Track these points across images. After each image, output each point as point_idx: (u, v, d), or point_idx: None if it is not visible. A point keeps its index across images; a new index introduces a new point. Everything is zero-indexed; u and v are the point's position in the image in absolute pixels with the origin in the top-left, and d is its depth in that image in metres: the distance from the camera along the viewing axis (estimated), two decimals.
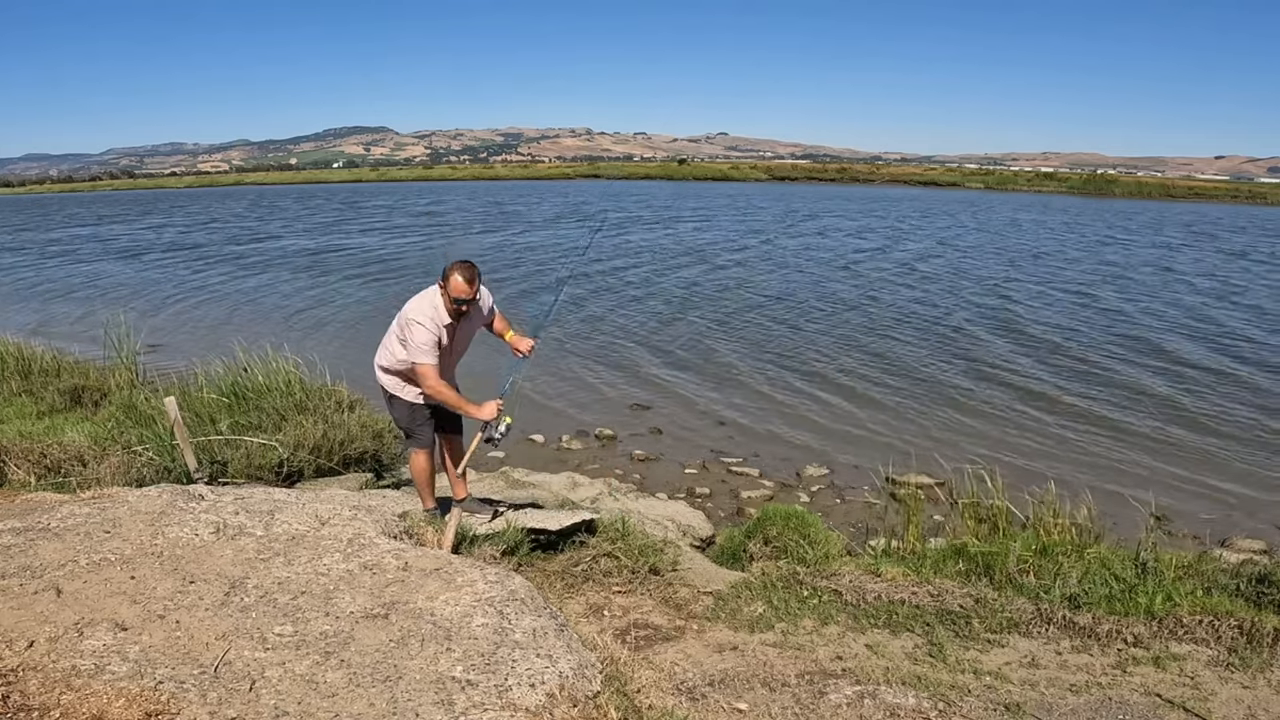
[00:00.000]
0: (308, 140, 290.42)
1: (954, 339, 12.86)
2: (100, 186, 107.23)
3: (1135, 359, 11.65)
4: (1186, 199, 61.07)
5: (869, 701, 2.96)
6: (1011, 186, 71.03)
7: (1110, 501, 6.34)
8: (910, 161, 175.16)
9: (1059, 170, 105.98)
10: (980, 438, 8.41)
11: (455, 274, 3.74)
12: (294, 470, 5.38)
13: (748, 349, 12.20)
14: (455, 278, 3.73)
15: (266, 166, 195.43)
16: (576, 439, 8.38)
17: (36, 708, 2.15)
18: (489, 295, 4.06)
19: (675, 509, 6.09)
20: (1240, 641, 3.38)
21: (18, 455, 5.15)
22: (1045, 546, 4.24)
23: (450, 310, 3.81)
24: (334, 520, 3.76)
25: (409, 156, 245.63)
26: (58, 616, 2.63)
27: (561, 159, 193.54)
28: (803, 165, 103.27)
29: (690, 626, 3.62)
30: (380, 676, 2.46)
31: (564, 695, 2.48)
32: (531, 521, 4.24)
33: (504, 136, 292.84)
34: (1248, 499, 7.04)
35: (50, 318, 15.25)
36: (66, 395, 7.41)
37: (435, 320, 3.79)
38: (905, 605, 3.75)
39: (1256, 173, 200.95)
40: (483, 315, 4.06)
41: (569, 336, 12.95)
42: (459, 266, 3.76)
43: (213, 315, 15.26)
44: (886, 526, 5.41)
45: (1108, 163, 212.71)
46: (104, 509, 3.61)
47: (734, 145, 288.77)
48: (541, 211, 40.41)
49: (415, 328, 3.76)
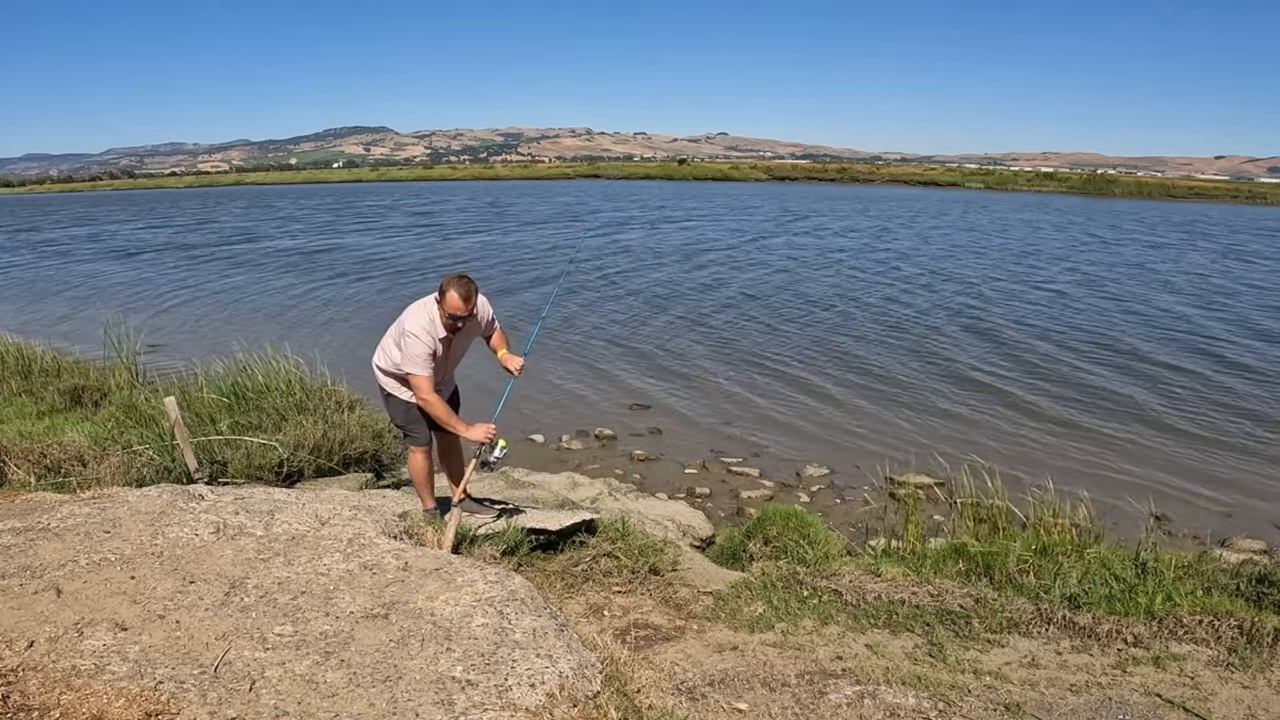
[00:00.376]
0: (308, 140, 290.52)
1: (954, 339, 12.86)
2: (100, 186, 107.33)
3: (1135, 359, 11.64)
4: (1186, 199, 61.03)
5: (869, 701, 2.96)
6: (1011, 187, 70.98)
7: (1110, 501, 6.34)
8: (910, 161, 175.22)
9: (1059, 170, 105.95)
10: (980, 438, 8.40)
11: (451, 290, 3.73)
12: (294, 470, 5.38)
13: (748, 349, 12.20)
14: (451, 294, 3.73)
15: (266, 166, 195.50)
16: (576, 439, 8.38)
17: (36, 708, 2.15)
18: (488, 307, 4.06)
19: (675, 509, 6.09)
20: (1240, 641, 3.38)
21: (18, 455, 5.15)
22: (1045, 546, 4.24)
23: (446, 324, 3.82)
24: (334, 520, 3.76)
25: (409, 156, 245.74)
26: (58, 616, 2.63)
27: (561, 159, 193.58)
28: (803, 165, 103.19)
29: (690, 626, 3.62)
30: (380, 676, 2.46)
31: (564, 695, 2.48)
32: (531, 521, 4.24)
33: (504, 136, 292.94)
34: (1248, 499, 7.03)
35: (50, 318, 15.24)
36: (66, 395, 7.41)
37: (430, 333, 3.80)
38: (905, 605, 3.75)
39: (1256, 173, 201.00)
40: (480, 327, 4.07)
41: (569, 337, 12.96)
42: (455, 283, 3.75)
43: (212, 315, 15.27)
44: (886, 526, 5.42)
45: (1108, 163, 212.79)
46: (104, 509, 3.61)
47: (734, 145, 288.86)
48: (536, 212, 40.44)
49: (411, 339, 3.77)
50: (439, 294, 3.79)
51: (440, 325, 3.82)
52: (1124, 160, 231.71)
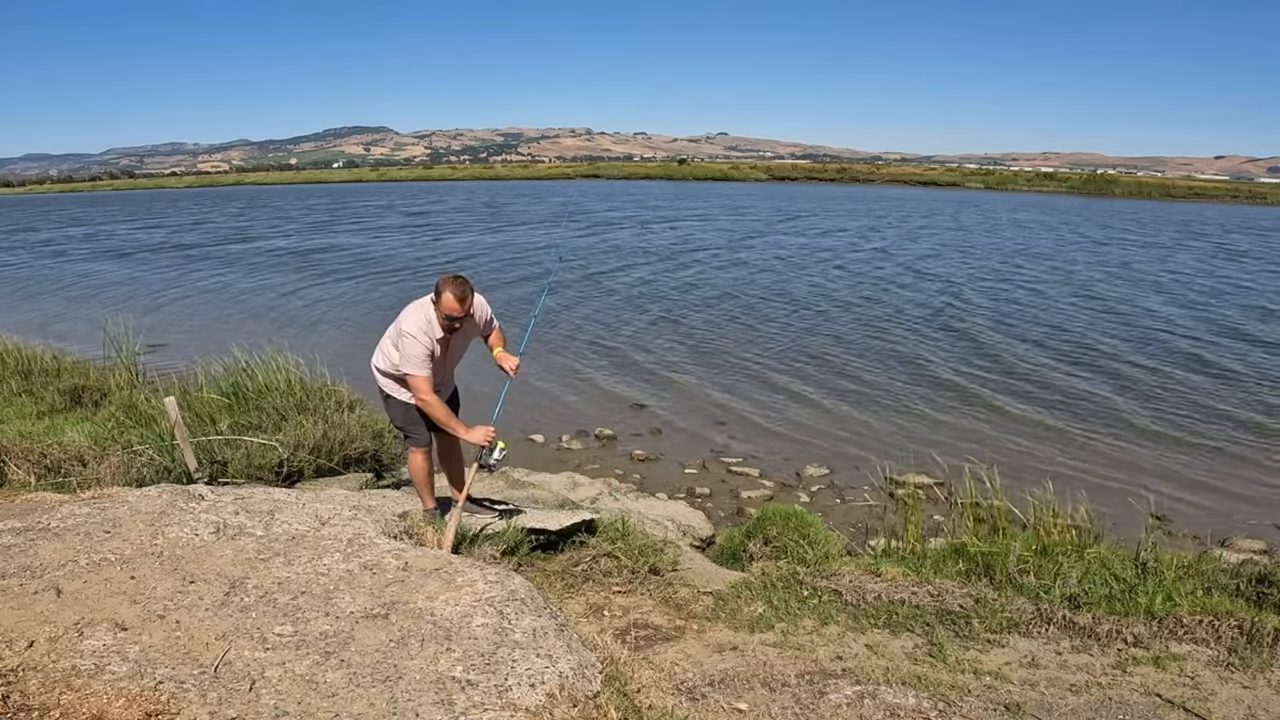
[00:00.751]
0: (308, 140, 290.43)
1: (954, 340, 12.87)
2: (100, 186, 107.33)
3: (1135, 360, 11.65)
4: (1186, 199, 61.05)
5: (869, 701, 2.96)
6: (1011, 186, 71.00)
7: (1110, 501, 6.34)
8: (910, 161, 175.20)
9: (1059, 170, 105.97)
10: (980, 437, 8.41)
11: (447, 291, 3.73)
12: (294, 470, 5.38)
13: (748, 349, 12.20)
14: (447, 295, 3.73)
15: (266, 166, 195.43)
16: (576, 439, 8.38)
17: (36, 708, 2.15)
18: (486, 306, 4.06)
19: (675, 509, 6.09)
20: (1240, 641, 3.38)
21: (18, 455, 5.15)
22: (1045, 546, 4.24)
23: (443, 325, 3.82)
24: (334, 520, 3.76)
25: (409, 156, 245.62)
26: (58, 616, 2.63)
27: (561, 159, 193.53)
28: (803, 165, 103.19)
29: (690, 626, 3.62)
30: (380, 676, 2.46)
31: (564, 695, 2.48)
32: (531, 521, 4.24)
33: (504, 136, 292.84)
34: (1248, 499, 7.04)
35: (49, 317, 15.24)
36: (66, 395, 7.41)
37: (428, 334, 3.79)
38: (905, 605, 3.75)
39: (1256, 173, 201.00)
40: (478, 327, 4.07)
41: (568, 337, 12.97)
42: (451, 283, 3.75)
43: (212, 315, 15.27)
44: (886, 526, 5.42)
45: (1108, 163, 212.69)
46: (104, 509, 3.61)
47: (734, 145, 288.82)
48: (533, 212, 40.46)
49: (408, 340, 3.77)
50: (435, 294, 3.79)
51: (437, 326, 3.82)
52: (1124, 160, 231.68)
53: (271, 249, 26.06)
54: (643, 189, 63.67)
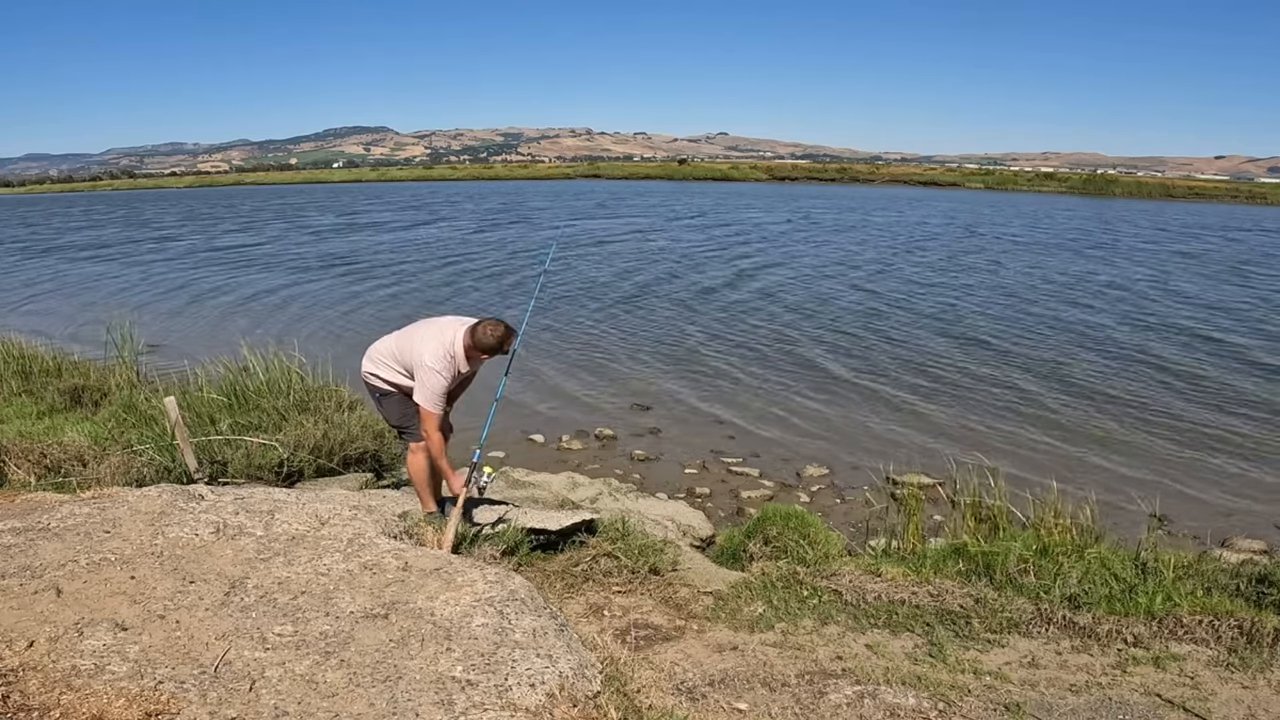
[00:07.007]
0: (308, 140, 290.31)
1: (954, 340, 12.86)
2: (100, 186, 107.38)
3: (1135, 360, 11.65)
4: (1186, 199, 61.04)
5: (869, 701, 2.96)
6: (1011, 186, 71.00)
7: (1110, 501, 6.33)
8: (910, 161, 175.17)
9: (1059, 170, 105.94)
10: (980, 437, 8.40)
11: (490, 331, 3.75)
12: (294, 470, 5.38)
13: (748, 350, 12.20)
14: (488, 336, 3.75)
15: (266, 166, 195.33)
16: (576, 439, 8.38)
17: (36, 708, 2.15)
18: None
19: (675, 509, 6.09)
20: (1240, 641, 3.38)
21: (18, 455, 5.14)
22: (1045, 546, 4.23)
23: (471, 357, 3.84)
24: (334, 520, 3.76)
25: (409, 156, 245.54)
26: (58, 616, 2.63)
27: (561, 159, 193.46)
28: (803, 165, 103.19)
29: (690, 626, 3.62)
30: (380, 676, 2.46)
31: (564, 695, 2.48)
32: (531, 521, 4.24)
33: (504, 136, 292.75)
34: (1248, 499, 7.03)
35: (48, 317, 15.24)
36: (66, 395, 7.40)
37: (451, 367, 3.80)
38: (905, 605, 3.75)
39: (1256, 173, 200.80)
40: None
41: (568, 338, 12.97)
42: (495, 325, 3.78)
43: (212, 315, 15.26)
44: (886, 526, 5.41)
45: (1108, 163, 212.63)
46: (104, 509, 3.61)
47: (734, 145, 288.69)
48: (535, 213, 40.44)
49: (430, 374, 3.75)
50: (471, 330, 3.79)
51: (463, 359, 3.83)
52: (1124, 160, 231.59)
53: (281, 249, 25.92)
54: (643, 189, 63.69)
